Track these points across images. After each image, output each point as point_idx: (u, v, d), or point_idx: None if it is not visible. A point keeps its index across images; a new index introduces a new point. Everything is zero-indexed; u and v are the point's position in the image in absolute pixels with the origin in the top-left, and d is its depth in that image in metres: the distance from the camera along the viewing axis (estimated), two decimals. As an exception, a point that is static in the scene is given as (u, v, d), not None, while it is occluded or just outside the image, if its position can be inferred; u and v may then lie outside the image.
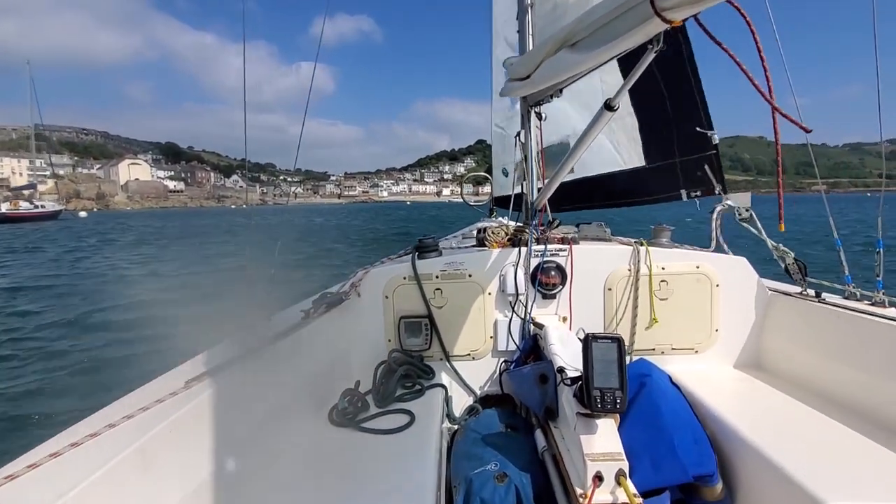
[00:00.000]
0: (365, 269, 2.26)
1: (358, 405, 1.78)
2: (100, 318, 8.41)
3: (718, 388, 1.83)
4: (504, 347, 2.09)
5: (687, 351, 2.04)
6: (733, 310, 2.03)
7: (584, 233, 2.29)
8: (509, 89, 2.13)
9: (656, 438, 1.52)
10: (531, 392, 1.68)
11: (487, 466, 1.51)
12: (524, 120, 2.40)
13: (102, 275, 13.81)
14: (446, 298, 2.10)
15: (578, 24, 1.53)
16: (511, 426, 1.74)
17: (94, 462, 0.95)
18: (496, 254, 2.11)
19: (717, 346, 2.04)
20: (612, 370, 1.23)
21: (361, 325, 2.12)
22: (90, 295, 10.51)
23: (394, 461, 1.45)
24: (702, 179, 2.32)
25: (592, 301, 2.06)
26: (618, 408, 1.21)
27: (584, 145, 1.81)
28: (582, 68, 1.65)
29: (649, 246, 2.04)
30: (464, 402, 2.08)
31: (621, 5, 1.27)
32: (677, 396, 1.74)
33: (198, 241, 21.84)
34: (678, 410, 1.64)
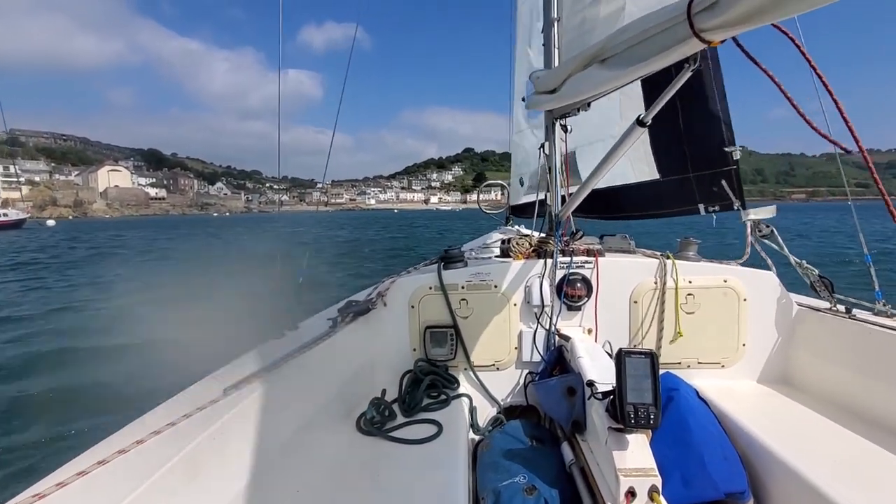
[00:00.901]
0: (391, 278, 2.28)
1: (385, 414, 1.81)
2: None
3: (746, 404, 1.82)
4: (528, 358, 2.09)
5: (713, 365, 2.03)
6: (761, 324, 2.02)
7: (608, 244, 2.29)
8: (535, 102, 2.14)
9: (685, 454, 1.51)
10: (558, 404, 1.69)
11: (515, 479, 1.51)
12: (548, 131, 2.41)
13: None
14: (472, 309, 2.12)
15: (611, 40, 1.54)
16: (537, 438, 1.74)
17: (141, 470, 0.98)
18: (521, 265, 2.13)
19: (743, 361, 2.03)
20: (645, 385, 1.23)
21: (387, 334, 2.15)
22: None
23: (423, 471, 1.47)
24: (719, 195, 2.30)
25: (618, 314, 2.06)
26: (651, 423, 1.22)
27: (613, 159, 1.82)
28: (612, 85, 1.66)
29: (676, 259, 2.04)
30: (487, 412, 2.09)
31: (658, 24, 1.28)
32: (705, 411, 1.73)
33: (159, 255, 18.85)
34: (707, 425, 1.63)
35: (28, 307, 9.82)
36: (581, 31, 2.07)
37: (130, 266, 16.31)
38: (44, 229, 51.70)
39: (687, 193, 2.48)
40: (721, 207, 2.34)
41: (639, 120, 1.61)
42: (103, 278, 13.85)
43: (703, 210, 2.41)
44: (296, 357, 1.60)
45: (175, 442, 1.08)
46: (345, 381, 1.88)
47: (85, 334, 7.55)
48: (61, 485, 0.88)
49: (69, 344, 6.95)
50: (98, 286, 12.45)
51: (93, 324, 8.26)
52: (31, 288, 12.49)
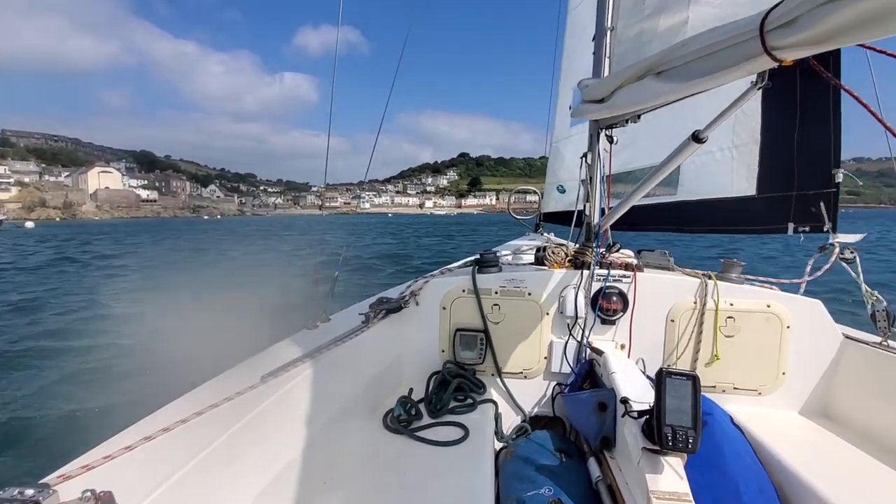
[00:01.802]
0: (425, 278, 2.29)
1: (412, 413, 1.81)
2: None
3: (784, 435, 1.75)
4: (558, 369, 2.07)
5: (750, 392, 1.97)
6: (803, 353, 1.95)
7: (646, 259, 2.25)
8: (583, 111, 2.11)
9: (719, 482, 1.47)
10: (588, 419, 1.66)
11: (540, 490, 1.49)
12: (592, 141, 2.38)
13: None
14: (503, 314, 2.10)
15: (670, 52, 1.51)
16: (563, 451, 1.72)
17: (185, 448, 1.00)
18: (557, 274, 2.10)
19: (782, 390, 1.96)
20: (685, 408, 1.20)
21: (417, 333, 2.15)
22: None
23: (449, 474, 1.46)
24: (814, 216, 2.25)
25: (653, 331, 2.02)
26: (689, 448, 1.19)
27: (661, 175, 1.78)
28: (667, 98, 1.63)
29: (718, 280, 1.98)
30: (512, 419, 2.07)
31: (726, 39, 1.25)
32: (740, 439, 1.68)
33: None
34: (742, 454, 1.58)
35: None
36: (638, 42, 2.03)
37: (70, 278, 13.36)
38: (20, 231, 49.57)
39: (781, 212, 2.46)
40: (812, 229, 2.29)
41: (695, 135, 1.57)
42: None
43: (791, 230, 2.38)
44: (330, 349, 1.62)
45: (216, 424, 1.10)
46: (373, 376, 1.90)
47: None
48: (108, 458, 0.91)
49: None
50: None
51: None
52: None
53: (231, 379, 1.37)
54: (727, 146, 2.83)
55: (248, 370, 1.45)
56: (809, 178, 2.37)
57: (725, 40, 1.26)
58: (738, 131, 2.77)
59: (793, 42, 1.07)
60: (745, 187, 2.67)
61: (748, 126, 2.71)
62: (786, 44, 1.09)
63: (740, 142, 2.75)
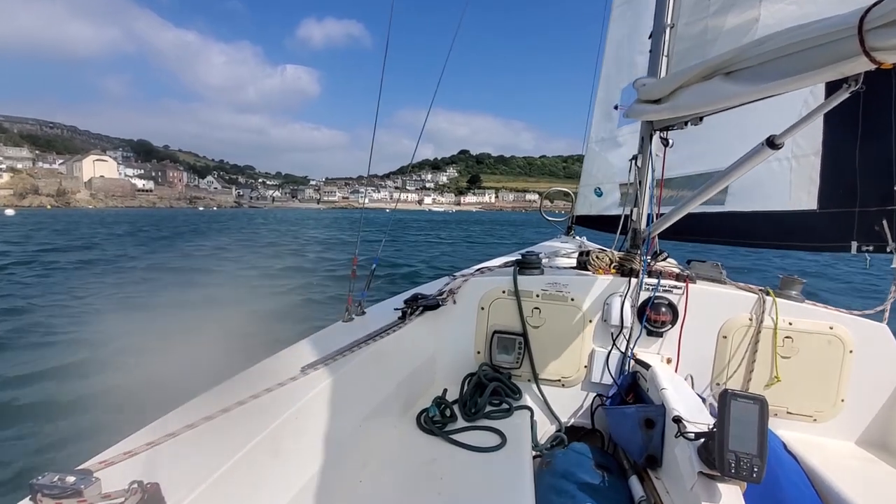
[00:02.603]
0: (464, 276, 2.24)
1: (447, 415, 1.77)
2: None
3: (840, 465, 1.64)
4: (598, 380, 1.99)
5: (804, 418, 1.85)
6: (865, 381, 1.81)
7: (696, 271, 2.14)
8: (638, 112, 2.02)
9: None
10: (632, 434, 1.59)
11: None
12: (644, 143, 2.27)
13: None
14: (544, 319, 2.03)
15: (745, 51, 1.41)
16: (603, 466, 1.64)
17: (229, 440, 0.98)
18: (602, 281, 2.02)
19: (840, 418, 1.83)
20: (751, 434, 1.12)
21: (453, 333, 2.10)
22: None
23: (487, 483, 1.41)
24: (878, 234, 2.10)
25: (703, 347, 1.92)
26: (754, 477, 1.10)
27: (727, 180, 1.68)
28: (737, 100, 1.53)
29: (777, 297, 1.87)
30: (546, 428, 2.00)
31: (815, 38, 1.15)
32: (796, 467, 1.58)
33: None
34: (799, 484, 1.48)
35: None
36: (701, 40, 1.92)
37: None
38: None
39: (843, 229, 2.32)
40: (875, 249, 2.16)
41: (769, 140, 1.47)
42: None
43: (854, 249, 2.24)
44: (369, 344, 1.60)
45: (258, 415, 1.09)
46: (408, 374, 1.86)
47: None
48: (151, 444, 0.89)
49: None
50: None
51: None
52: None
53: (270, 369, 1.36)
54: (786, 156, 2.68)
55: (287, 360, 1.44)
56: (872, 194, 2.23)
57: (813, 39, 1.16)
58: (798, 142, 2.62)
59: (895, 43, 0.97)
60: (806, 201, 2.52)
61: (810, 136, 2.56)
62: (888, 45, 0.99)
63: (801, 153, 2.60)
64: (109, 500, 0.74)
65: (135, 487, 0.75)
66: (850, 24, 1.05)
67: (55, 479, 0.74)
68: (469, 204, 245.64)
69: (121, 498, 0.73)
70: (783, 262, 14.26)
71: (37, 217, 54.01)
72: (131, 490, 0.75)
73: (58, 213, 75.97)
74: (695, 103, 1.69)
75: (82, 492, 0.72)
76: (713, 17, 1.87)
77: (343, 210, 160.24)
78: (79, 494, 0.72)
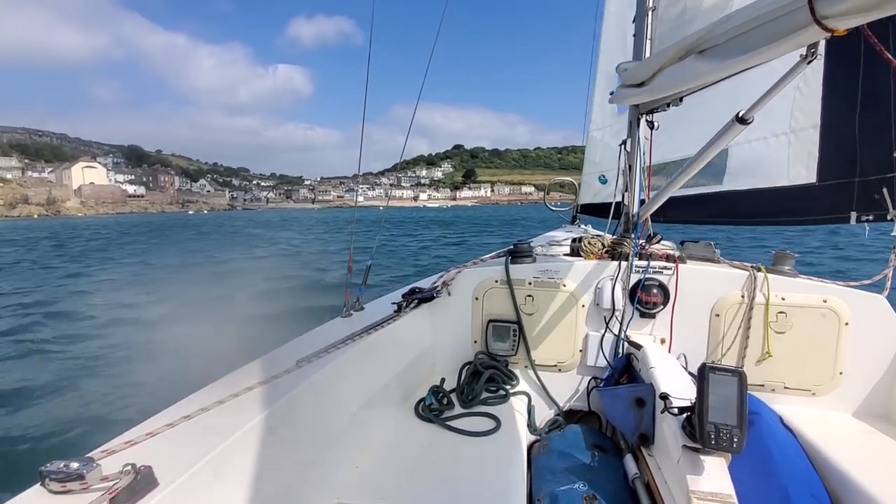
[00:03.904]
0: (457, 268, 2.28)
1: (443, 402, 1.82)
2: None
3: (839, 438, 1.63)
4: (593, 363, 2.01)
5: (802, 392, 1.84)
6: (863, 353, 1.80)
7: (689, 251, 2.14)
8: (622, 96, 2.04)
9: (766, 485, 1.39)
10: (625, 414, 1.61)
11: (574, 486, 1.47)
12: (632, 127, 2.29)
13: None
14: (537, 306, 2.07)
15: (713, 29, 1.43)
16: (598, 447, 1.68)
17: (223, 427, 1.04)
18: (593, 265, 2.04)
19: (838, 391, 1.82)
20: (730, 406, 1.14)
21: (449, 323, 2.15)
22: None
23: (481, 465, 1.46)
24: (878, 203, 2.09)
25: (696, 326, 1.92)
26: (734, 447, 1.13)
27: (704, 159, 1.69)
28: (711, 78, 1.54)
29: (769, 273, 1.86)
30: (545, 413, 2.04)
31: (771, 11, 1.16)
32: (791, 441, 1.58)
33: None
34: (792, 457, 1.49)
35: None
36: (680, 21, 1.93)
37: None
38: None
39: (843, 201, 2.32)
40: (875, 217, 2.16)
41: (738, 117, 1.48)
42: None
43: (854, 219, 2.24)
44: (363, 337, 1.65)
45: (253, 405, 1.15)
46: (405, 365, 1.91)
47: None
48: (151, 434, 0.96)
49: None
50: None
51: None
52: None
53: (267, 363, 1.42)
54: (783, 131, 2.66)
55: (283, 355, 1.50)
56: (872, 163, 2.21)
57: (771, 12, 1.18)
58: (796, 116, 2.60)
59: (844, 9, 0.98)
60: (805, 175, 2.51)
61: (807, 110, 2.54)
62: (836, 11, 1.00)
63: (798, 126, 2.58)
64: (107, 482, 0.81)
65: (128, 469, 0.82)
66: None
67: (61, 466, 0.82)
68: (465, 199, 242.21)
69: (116, 479, 0.80)
70: (802, 237, 13.80)
71: (22, 225, 52.58)
72: (124, 471, 0.81)
73: (35, 224, 71.91)
74: (673, 84, 1.70)
75: (84, 476, 0.81)
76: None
77: (338, 209, 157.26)
78: (81, 478, 0.80)
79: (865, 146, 2.27)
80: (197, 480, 0.90)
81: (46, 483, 0.81)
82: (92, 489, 0.80)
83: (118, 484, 0.79)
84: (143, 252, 21.51)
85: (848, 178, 2.32)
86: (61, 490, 0.80)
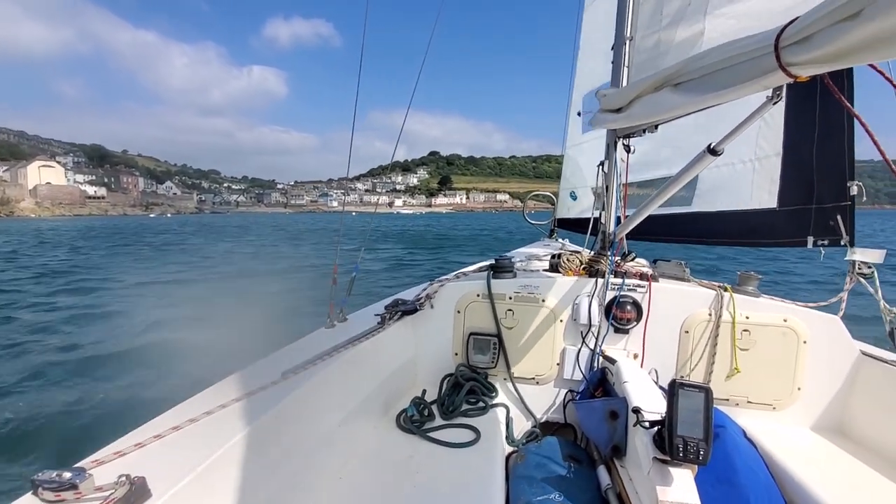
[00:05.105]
0: (440, 281, 2.32)
1: (424, 414, 1.85)
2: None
3: (797, 450, 1.74)
4: (570, 376, 2.08)
5: (764, 406, 1.96)
6: (820, 369, 1.93)
7: (661, 270, 2.25)
8: (600, 120, 2.13)
9: (729, 495, 1.47)
10: (599, 427, 1.67)
11: (550, 496, 1.51)
12: (609, 150, 2.39)
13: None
14: (517, 320, 2.13)
15: (688, 65, 1.52)
16: (574, 458, 1.73)
17: (211, 438, 1.05)
18: (571, 282, 2.12)
19: (797, 406, 1.94)
20: (697, 420, 1.21)
21: (431, 336, 2.19)
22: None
23: (460, 475, 1.50)
24: (833, 229, 2.24)
25: (667, 342, 2.02)
26: (700, 459, 1.20)
27: (676, 185, 1.79)
28: (683, 110, 1.64)
29: (734, 292, 1.97)
30: (523, 424, 2.09)
31: (741, 54, 1.26)
32: (753, 453, 1.67)
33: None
34: (754, 469, 1.58)
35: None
36: (655, 52, 2.04)
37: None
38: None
39: (801, 225, 2.46)
40: (830, 242, 2.30)
41: (710, 148, 1.58)
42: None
43: (811, 243, 2.38)
44: (348, 348, 1.67)
45: (240, 417, 1.16)
46: (388, 376, 1.94)
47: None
48: (139, 445, 0.96)
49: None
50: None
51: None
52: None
53: (253, 374, 1.43)
54: (749, 158, 2.81)
55: (268, 366, 1.51)
56: (827, 191, 2.37)
57: (741, 55, 1.27)
58: (761, 144, 2.76)
59: (807, 59, 1.08)
60: (767, 199, 2.66)
61: (771, 139, 2.70)
62: (800, 60, 1.10)
63: (763, 154, 2.74)
64: (101, 492, 0.81)
65: (123, 480, 0.83)
66: (768, 41, 1.16)
67: (53, 476, 0.82)
68: (440, 205, 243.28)
69: (111, 490, 0.81)
70: (764, 261, 14.20)
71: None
72: (120, 482, 0.82)
73: (6, 222, 65.64)
74: (648, 113, 1.80)
75: (78, 485, 0.81)
76: (664, 30, 1.99)
77: (311, 213, 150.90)
78: (75, 488, 0.81)
79: (822, 175, 2.43)
80: (188, 491, 0.91)
81: (40, 492, 0.81)
82: (86, 499, 0.81)
83: (114, 494, 0.81)
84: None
85: (805, 205, 2.47)
86: (55, 499, 0.80)
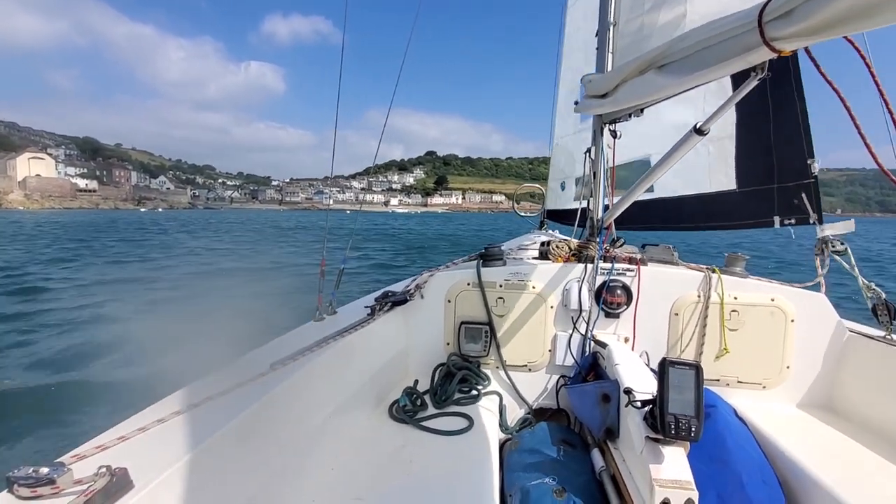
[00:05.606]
0: (430, 271, 2.31)
1: (417, 403, 1.84)
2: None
3: (787, 427, 1.76)
4: (561, 362, 2.08)
5: (754, 385, 1.98)
6: (807, 348, 1.95)
7: (650, 254, 2.26)
8: (586, 106, 2.13)
9: (722, 473, 1.48)
10: (592, 410, 1.68)
11: (545, 480, 1.52)
12: (596, 136, 2.39)
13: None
14: (508, 308, 2.12)
15: (671, 46, 1.52)
16: (567, 442, 1.74)
17: (196, 432, 1.03)
18: (561, 268, 2.12)
19: (786, 384, 1.97)
20: (688, 397, 1.22)
21: (422, 326, 2.18)
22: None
23: (454, 463, 1.49)
24: (798, 207, 2.25)
25: (657, 325, 2.03)
26: (692, 436, 1.20)
27: (664, 168, 1.79)
28: (669, 91, 1.64)
29: (722, 274, 1.99)
30: (516, 411, 2.09)
31: (725, 31, 1.26)
32: (744, 431, 1.69)
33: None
34: (745, 446, 1.59)
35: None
36: (638, 36, 2.04)
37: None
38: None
39: (765, 206, 2.47)
40: (797, 221, 2.30)
41: (696, 128, 1.58)
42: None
43: (778, 223, 2.39)
44: (337, 340, 1.65)
45: (227, 409, 1.14)
46: (379, 368, 1.92)
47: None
48: (122, 438, 0.94)
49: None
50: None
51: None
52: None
53: (240, 367, 1.40)
54: (701, 143, 2.82)
55: (256, 359, 1.49)
56: (788, 170, 2.38)
57: (724, 33, 1.27)
58: (711, 128, 2.77)
59: (791, 33, 1.08)
60: (725, 182, 2.68)
61: (722, 121, 2.70)
62: (784, 34, 1.10)
63: (716, 137, 2.75)
64: (80, 485, 0.79)
65: (103, 471, 0.80)
66: (751, 17, 1.16)
67: (30, 471, 0.79)
68: (436, 205, 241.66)
69: (91, 482, 0.78)
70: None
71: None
72: (100, 474, 0.80)
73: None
74: (634, 96, 1.80)
75: (56, 480, 0.78)
76: (647, 14, 1.99)
77: (306, 211, 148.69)
78: (52, 482, 0.78)
79: (781, 154, 2.44)
80: (173, 482, 0.89)
81: (15, 489, 0.78)
82: (64, 493, 0.78)
83: (93, 486, 0.78)
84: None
85: (766, 185, 2.48)
86: (31, 495, 0.77)
